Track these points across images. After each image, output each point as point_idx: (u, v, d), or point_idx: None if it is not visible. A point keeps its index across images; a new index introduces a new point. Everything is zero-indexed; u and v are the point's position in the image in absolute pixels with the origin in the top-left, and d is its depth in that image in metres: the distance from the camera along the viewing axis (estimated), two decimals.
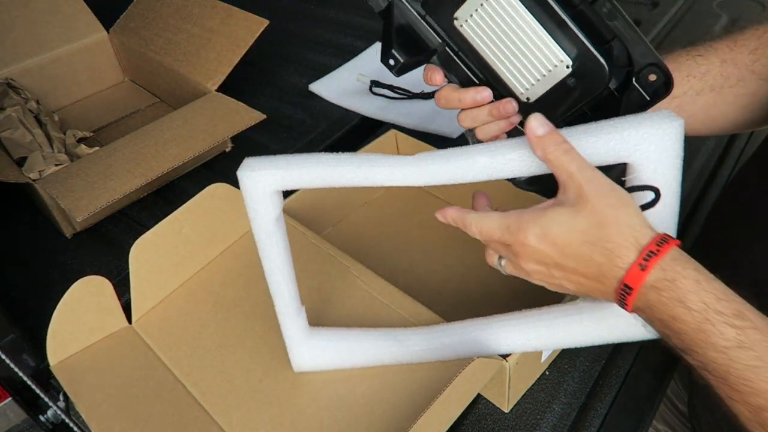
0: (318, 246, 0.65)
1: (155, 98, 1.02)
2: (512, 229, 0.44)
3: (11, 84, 0.90)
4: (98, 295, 0.59)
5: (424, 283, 0.68)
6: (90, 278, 0.58)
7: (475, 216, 0.46)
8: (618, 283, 0.41)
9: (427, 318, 0.56)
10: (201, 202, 0.64)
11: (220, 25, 0.91)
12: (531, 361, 0.55)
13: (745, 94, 0.55)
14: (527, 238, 0.43)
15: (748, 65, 0.55)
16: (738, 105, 0.56)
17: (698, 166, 0.80)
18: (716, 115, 0.57)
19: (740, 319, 0.38)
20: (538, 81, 0.45)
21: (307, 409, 0.53)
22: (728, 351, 0.38)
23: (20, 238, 0.79)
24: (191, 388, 0.56)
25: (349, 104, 0.96)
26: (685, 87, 0.55)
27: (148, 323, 0.63)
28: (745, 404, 0.38)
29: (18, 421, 0.63)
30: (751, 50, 0.55)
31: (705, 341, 0.38)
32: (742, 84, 0.55)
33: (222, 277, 0.66)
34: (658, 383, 0.60)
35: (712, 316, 0.38)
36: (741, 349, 0.38)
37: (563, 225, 0.42)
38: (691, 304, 0.39)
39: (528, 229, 0.43)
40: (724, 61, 0.55)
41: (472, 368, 0.47)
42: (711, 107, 0.56)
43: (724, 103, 0.56)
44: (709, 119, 0.57)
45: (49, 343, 0.58)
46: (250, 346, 0.58)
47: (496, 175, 0.45)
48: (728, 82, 0.55)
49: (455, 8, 0.45)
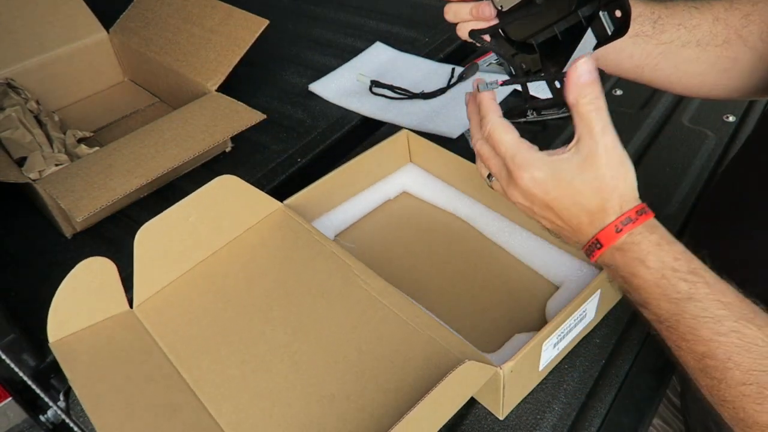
0: (321, 243, 0.65)
1: (155, 98, 1.02)
2: (517, 160, 0.45)
3: (11, 84, 0.90)
4: (102, 276, 0.60)
5: (426, 286, 0.68)
6: (95, 259, 0.59)
7: (498, 119, 0.47)
8: (591, 237, 0.45)
9: (426, 321, 0.56)
10: (210, 192, 0.64)
11: (220, 25, 0.91)
12: (527, 368, 0.55)
13: (728, 57, 0.57)
14: (524, 177, 0.45)
15: (737, 29, 0.56)
16: (718, 67, 0.57)
17: (698, 166, 0.80)
18: (696, 72, 0.58)
19: (694, 275, 0.42)
20: None
21: (297, 404, 0.53)
22: (679, 302, 0.42)
23: (20, 238, 0.79)
24: (185, 375, 0.57)
25: (349, 104, 0.96)
26: (674, 35, 0.56)
27: (148, 308, 0.63)
28: (691, 352, 0.42)
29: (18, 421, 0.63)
30: (744, 14, 0.56)
31: (660, 294, 0.42)
32: (727, 46, 0.56)
33: (224, 269, 0.66)
34: (658, 383, 0.60)
35: (668, 272, 0.42)
36: (690, 300, 0.41)
37: (563, 179, 0.44)
38: (649, 263, 0.43)
39: (532, 169, 0.45)
40: (716, 18, 0.57)
41: (461, 371, 0.46)
42: (692, 62, 0.57)
43: (706, 62, 0.57)
44: (689, 75, 0.58)
45: (50, 320, 0.58)
46: (246, 338, 0.59)
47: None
48: (714, 41, 0.56)
49: None
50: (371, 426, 0.50)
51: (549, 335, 0.53)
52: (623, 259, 0.44)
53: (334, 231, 0.75)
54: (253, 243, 0.67)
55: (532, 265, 0.68)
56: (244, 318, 0.61)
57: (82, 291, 0.59)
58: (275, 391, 0.54)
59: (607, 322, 0.63)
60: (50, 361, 0.62)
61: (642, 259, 0.43)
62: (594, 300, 0.58)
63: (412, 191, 0.80)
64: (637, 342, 0.61)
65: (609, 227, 0.44)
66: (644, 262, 0.43)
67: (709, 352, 0.41)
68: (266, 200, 0.69)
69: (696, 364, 0.42)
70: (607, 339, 0.62)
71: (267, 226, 0.69)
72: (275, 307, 0.61)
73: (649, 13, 0.55)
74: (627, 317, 0.63)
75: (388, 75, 1.01)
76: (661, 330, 0.44)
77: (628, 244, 0.43)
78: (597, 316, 0.61)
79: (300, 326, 0.59)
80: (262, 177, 0.84)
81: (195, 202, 0.63)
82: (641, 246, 0.43)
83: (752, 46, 0.56)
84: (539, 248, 0.69)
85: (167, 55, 0.94)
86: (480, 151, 0.49)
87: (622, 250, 0.44)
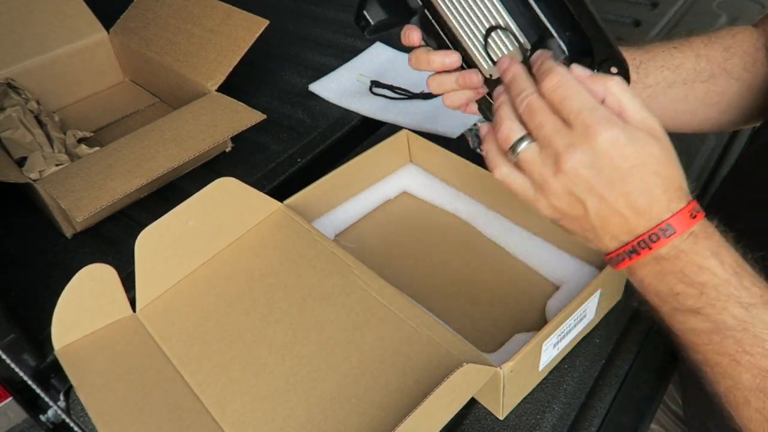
0: (321, 243, 0.65)
1: (155, 98, 1.02)
2: (599, 114, 0.38)
3: (11, 84, 0.90)
4: (104, 282, 0.60)
5: (426, 286, 0.68)
6: (96, 266, 0.59)
7: (568, 72, 0.40)
8: (660, 222, 0.38)
9: (426, 321, 0.56)
10: (209, 195, 0.64)
11: (220, 25, 0.91)
12: (527, 368, 0.54)
13: (715, 92, 0.56)
14: (604, 135, 0.37)
15: (720, 63, 0.56)
16: (707, 102, 0.57)
17: (698, 166, 0.80)
18: (685, 110, 0.57)
19: (760, 280, 0.38)
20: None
21: (299, 407, 0.53)
22: (752, 308, 0.37)
23: (20, 238, 0.79)
24: (188, 379, 0.57)
25: (349, 104, 0.96)
26: (659, 77, 0.56)
27: (150, 313, 0.63)
28: (753, 368, 0.37)
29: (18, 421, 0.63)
30: (725, 48, 0.56)
31: (729, 295, 0.37)
32: (713, 81, 0.56)
33: (225, 271, 0.66)
34: (658, 383, 0.60)
35: (741, 270, 0.38)
36: (765, 306, 0.37)
37: (641, 143, 0.38)
38: (723, 257, 0.38)
39: (616, 128, 0.38)
40: (698, 55, 0.56)
41: (461, 373, 0.46)
42: (681, 101, 0.57)
43: (695, 99, 0.57)
44: (678, 113, 0.57)
45: (54, 327, 0.59)
46: (249, 340, 0.59)
47: None
48: (700, 77, 0.56)
49: None
50: (372, 427, 0.50)
51: (549, 335, 0.53)
52: (693, 248, 0.38)
53: (334, 231, 0.75)
54: (253, 245, 0.67)
55: (532, 265, 0.68)
56: (246, 320, 0.61)
57: (85, 297, 0.59)
58: (277, 394, 0.54)
59: (607, 322, 0.63)
60: (50, 360, 0.62)
61: (716, 251, 0.38)
62: (594, 300, 0.58)
63: (412, 191, 0.80)
64: (637, 342, 0.61)
65: (684, 211, 0.38)
66: (718, 254, 0.38)
67: None
68: (265, 201, 0.69)
69: (755, 382, 0.37)
70: (607, 339, 0.62)
71: (267, 227, 0.69)
72: (276, 308, 0.61)
73: (630, 59, 0.52)
74: (627, 317, 0.63)
75: (388, 75, 1.00)
76: (711, 341, 0.38)
77: (704, 232, 0.38)
78: (597, 316, 0.61)
79: (300, 327, 0.59)
80: (262, 177, 0.84)
81: (194, 206, 0.63)
82: (715, 237, 0.38)
83: (738, 77, 0.55)
84: (539, 248, 0.69)
85: (167, 56, 0.94)
86: (530, 105, 0.40)
87: (696, 237, 0.38)
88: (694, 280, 0.38)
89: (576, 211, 0.40)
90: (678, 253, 0.38)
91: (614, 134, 0.38)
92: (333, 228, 0.75)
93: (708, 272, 0.38)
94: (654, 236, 0.38)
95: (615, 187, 0.38)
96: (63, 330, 0.59)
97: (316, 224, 0.73)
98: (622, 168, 0.38)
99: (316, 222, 0.74)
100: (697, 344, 0.39)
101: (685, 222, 0.38)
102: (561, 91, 0.39)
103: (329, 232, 0.74)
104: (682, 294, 0.39)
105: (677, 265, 0.38)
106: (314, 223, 0.73)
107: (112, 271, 0.60)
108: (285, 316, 0.60)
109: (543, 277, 0.67)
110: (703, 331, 0.39)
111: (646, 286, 0.41)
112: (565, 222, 0.42)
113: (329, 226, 0.75)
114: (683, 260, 0.38)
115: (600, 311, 0.61)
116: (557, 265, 0.66)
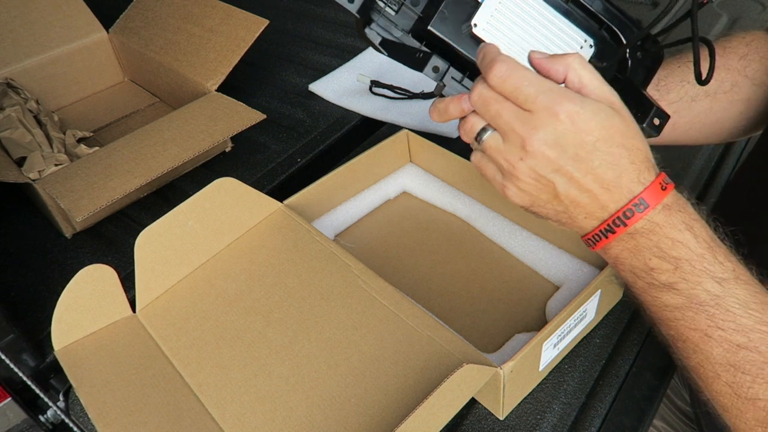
0: (321, 243, 0.65)
1: (155, 98, 1.02)
2: (557, 92, 0.38)
3: (11, 84, 0.90)
4: (103, 282, 0.60)
5: (426, 286, 0.68)
6: (95, 266, 0.59)
7: (513, 59, 0.39)
8: (633, 197, 0.38)
9: (426, 321, 0.56)
10: (208, 195, 0.64)
11: (220, 25, 0.91)
12: (527, 368, 0.54)
13: (740, 100, 0.56)
14: (566, 111, 0.37)
15: (740, 70, 0.55)
16: (733, 111, 0.56)
17: (698, 166, 0.80)
18: (712, 122, 0.57)
19: (733, 254, 0.38)
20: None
21: (299, 407, 0.53)
22: (725, 282, 0.37)
23: (20, 238, 0.79)
24: (188, 379, 0.57)
25: (349, 104, 0.96)
26: (681, 92, 0.56)
27: (151, 313, 0.63)
28: (725, 342, 0.37)
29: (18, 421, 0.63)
30: (741, 56, 0.56)
31: (704, 270, 0.37)
32: (737, 89, 0.56)
33: (225, 271, 0.66)
34: (658, 383, 0.60)
35: (715, 244, 0.37)
36: (737, 281, 0.37)
37: (603, 116, 0.38)
38: (697, 231, 0.38)
39: (576, 103, 0.38)
40: (716, 66, 0.56)
41: (461, 374, 0.46)
42: (707, 113, 0.56)
43: (720, 110, 0.56)
44: (706, 126, 0.57)
45: (54, 328, 0.59)
46: (249, 341, 0.59)
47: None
48: (722, 87, 0.56)
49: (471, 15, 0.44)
50: (372, 428, 0.50)
51: (549, 335, 0.53)
52: (667, 220, 0.38)
53: (334, 231, 0.75)
54: (253, 245, 0.67)
55: (532, 265, 0.68)
56: (246, 320, 0.61)
57: (84, 298, 0.59)
58: (277, 394, 0.54)
59: (607, 322, 0.63)
60: (50, 361, 0.62)
61: (690, 224, 0.38)
62: (594, 300, 0.57)
63: (413, 191, 0.80)
64: (637, 342, 0.61)
65: (653, 185, 0.38)
66: (692, 228, 0.38)
67: (749, 343, 0.36)
68: (265, 201, 0.69)
69: (725, 357, 0.37)
70: (607, 339, 0.62)
71: (267, 227, 0.69)
72: (276, 308, 0.61)
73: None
74: (627, 317, 0.63)
75: (388, 75, 1.00)
76: (683, 316, 0.38)
77: (676, 204, 0.38)
78: (597, 316, 0.61)
79: (300, 327, 0.59)
80: (262, 177, 0.84)
81: (193, 206, 0.63)
82: (687, 209, 0.38)
83: (760, 83, 0.55)
84: (539, 248, 0.69)
85: (167, 55, 0.94)
86: (482, 97, 0.40)
87: (669, 209, 0.38)
88: (668, 254, 0.38)
89: (545, 194, 0.40)
90: (653, 226, 0.38)
91: (574, 109, 0.38)
92: (333, 228, 0.75)
93: (682, 246, 0.38)
94: (628, 212, 0.38)
95: (582, 163, 0.38)
96: (62, 330, 0.59)
97: (316, 224, 0.73)
98: (587, 142, 0.38)
99: (316, 222, 0.74)
100: (670, 319, 0.39)
101: (657, 194, 0.38)
102: (511, 80, 0.38)
103: (329, 232, 0.74)
104: (657, 269, 0.39)
105: (652, 239, 0.38)
106: (314, 223, 0.73)
107: (112, 272, 0.60)
108: (285, 316, 0.60)
109: (543, 277, 0.67)
110: (677, 307, 0.39)
111: (620, 262, 0.41)
112: (536, 208, 0.42)
113: (329, 226, 0.75)
114: (658, 234, 0.38)
115: (600, 311, 0.61)
116: (557, 265, 0.66)
